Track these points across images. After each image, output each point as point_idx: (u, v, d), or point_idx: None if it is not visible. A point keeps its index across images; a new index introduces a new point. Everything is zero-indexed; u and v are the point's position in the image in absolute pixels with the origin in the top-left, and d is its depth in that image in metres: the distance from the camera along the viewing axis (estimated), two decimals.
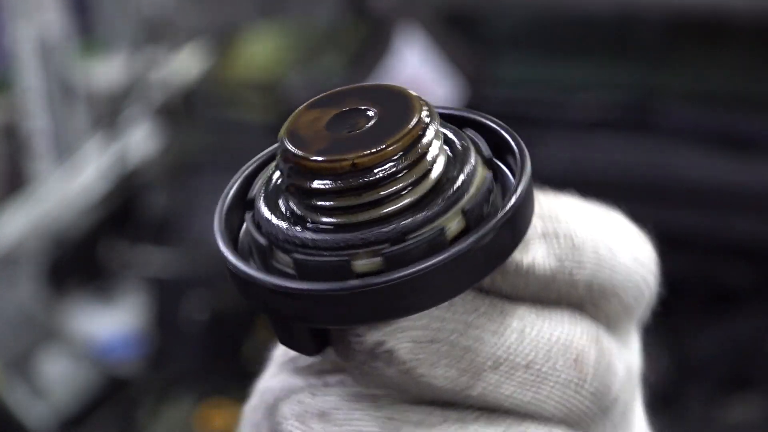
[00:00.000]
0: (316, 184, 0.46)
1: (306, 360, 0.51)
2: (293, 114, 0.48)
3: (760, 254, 2.16)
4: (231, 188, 0.51)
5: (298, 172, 0.47)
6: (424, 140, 0.46)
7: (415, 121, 0.46)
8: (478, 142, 0.49)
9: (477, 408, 0.46)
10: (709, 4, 2.39)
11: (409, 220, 0.46)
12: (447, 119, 0.50)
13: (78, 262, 2.57)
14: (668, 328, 2.17)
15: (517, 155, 0.48)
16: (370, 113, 0.47)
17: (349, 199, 0.46)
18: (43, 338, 2.48)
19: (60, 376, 2.45)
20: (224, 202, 0.50)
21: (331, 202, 0.46)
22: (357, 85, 0.49)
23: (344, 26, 2.69)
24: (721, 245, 2.16)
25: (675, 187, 2.16)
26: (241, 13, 2.81)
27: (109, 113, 2.65)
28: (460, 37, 2.47)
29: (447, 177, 0.47)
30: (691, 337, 2.11)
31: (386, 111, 0.47)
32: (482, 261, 0.46)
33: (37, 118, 2.57)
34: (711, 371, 2.10)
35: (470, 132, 0.50)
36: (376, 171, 0.46)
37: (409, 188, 0.46)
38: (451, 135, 0.49)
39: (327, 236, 0.46)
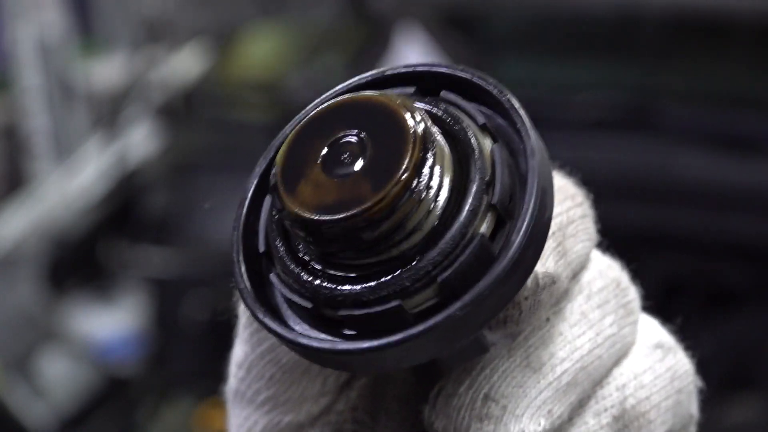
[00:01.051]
0: (341, 243, 0.44)
1: (305, 415, 0.53)
2: (281, 156, 0.45)
3: (760, 254, 2.16)
4: (239, 256, 0.48)
5: (320, 237, 0.44)
6: (429, 154, 0.44)
7: (412, 139, 0.44)
8: (464, 107, 0.47)
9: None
10: (709, 4, 2.39)
11: (447, 238, 0.44)
12: (418, 84, 0.48)
13: (78, 262, 2.57)
14: (668, 328, 2.17)
15: (509, 111, 0.46)
16: (361, 139, 0.45)
17: (380, 244, 0.44)
18: (43, 338, 2.48)
19: (60, 376, 2.45)
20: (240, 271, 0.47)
21: (363, 253, 0.44)
22: (330, 106, 0.46)
23: (344, 26, 2.69)
24: (721, 245, 2.15)
25: (675, 187, 2.16)
26: (241, 13, 2.81)
27: (109, 113, 2.65)
28: (460, 37, 2.47)
29: (461, 176, 0.45)
30: (691, 337, 2.11)
31: (375, 132, 0.44)
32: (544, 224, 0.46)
33: (37, 118, 2.57)
34: (711, 371, 2.10)
35: (450, 96, 0.47)
36: (398, 206, 0.43)
37: (432, 205, 0.44)
38: (436, 111, 0.46)
39: (372, 283, 0.44)
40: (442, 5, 2.60)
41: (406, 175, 0.43)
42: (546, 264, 0.49)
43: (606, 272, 0.53)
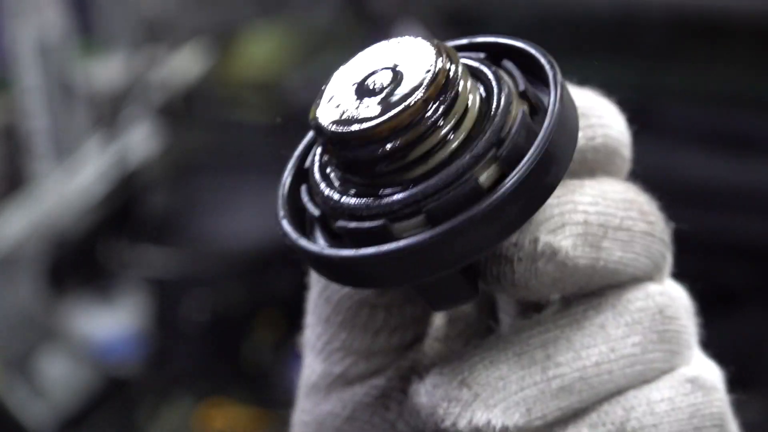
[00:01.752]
0: (348, 158, 0.47)
1: (355, 370, 0.53)
2: (331, 79, 0.50)
3: (760, 254, 2.16)
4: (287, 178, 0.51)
5: (332, 147, 0.48)
6: (446, 96, 0.47)
7: (431, 77, 0.47)
8: (515, 74, 0.49)
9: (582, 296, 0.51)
10: (709, 4, 2.39)
11: (443, 174, 0.46)
12: (482, 49, 0.51)
13: (78, 262, 2.57)
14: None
15: (549, 77, 0.49)
16: (394, 71, 0.48)
17: (383, 166, 0.47)
18: (43, 338, 2.47)
19: (60, 376, 2.45)
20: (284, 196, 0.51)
21: (368, 173, 0.47)
22: (384, 43, 0.50)
23: (344, 26, 2.69)
24: (721, 245, 2.15)
25: (675, 187, 2.15)
26: (241, 13, 2.81)
27: (109, 113, 2.65)
28: (460, 37, 2.46)
29: (481, 130, 0.47)
30: None
31: (409, 68, 0.48)
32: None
33: (37, 118, 2.57)
34: None
35: (508, 63, 0.50)
36: (398, 134, 0.46)
37: (440, 145, 0.47)
38: (485, 71, 0.49)
39: (369, 199, 0.47)
40: (442, 5, 2.60)
41: (410, 109, 0.46)
42: (557, 237, 0.49)
43: (654, 296, 0.52)
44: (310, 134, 0.52)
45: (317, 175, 0.49)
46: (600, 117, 0.54)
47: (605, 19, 2.50)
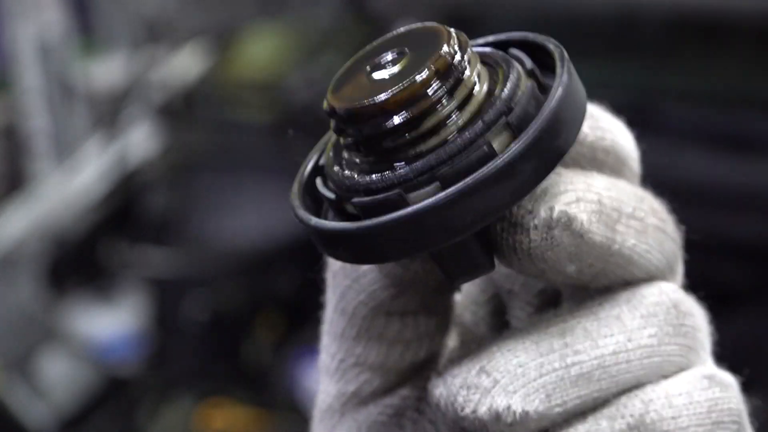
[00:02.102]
0: (360, 133, 0.48)
1: (368, 388, 0.54)
2: (345, 66, 0.51)
3: (760, 254, 2.16)
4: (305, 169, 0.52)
5: (344, 125, 0.49)
6: (457, 67, 0.48)
7: (437, 57, 0.48)
8: (522, 58, 0.50)
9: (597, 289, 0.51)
10: (709, 4, 2.39)
11: (455, 141, 0.47)
12: (492, 45, 0.52)
13: (78, 262, 2.57)
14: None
15: (555, 56, 0.50)
16: (405, 54, 0.49)
17: (395, 140, 0.48)
18: (43, 338, 2.48)
19: (60, 376, 2.45)
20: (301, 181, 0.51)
21: (382, 148, 0.48)
22: (397, 31, 0.51)
23: (344, 26, 2.69)
24: (721, 245, 2.15)
25: (675, 187, 2.15)
26: (241, 13, 2.81)
27: (109, 113, 2.65)
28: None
29: (487, 95, 0.48)
30: None
31: (420, 50, 0.49)
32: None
33: (37, 118, 2.57)
34: None
35: (515, 51, 0.51)
36: (405, 107, 0.47)
37: (448, 118, 0.48)
38: (493, 54, 0.51)
39: (384, 173, 0.48)
40: (442, 5, 2.60)
41: (419, 82, 0.47)
42: (572, 208, 0.49)
43: (668, 293, 0.53)
44: (327, 135, 0.53)
45: (332, 161, 0.50)
46: (607, 122, 0.55)
47: (605, 19, 2.50)
